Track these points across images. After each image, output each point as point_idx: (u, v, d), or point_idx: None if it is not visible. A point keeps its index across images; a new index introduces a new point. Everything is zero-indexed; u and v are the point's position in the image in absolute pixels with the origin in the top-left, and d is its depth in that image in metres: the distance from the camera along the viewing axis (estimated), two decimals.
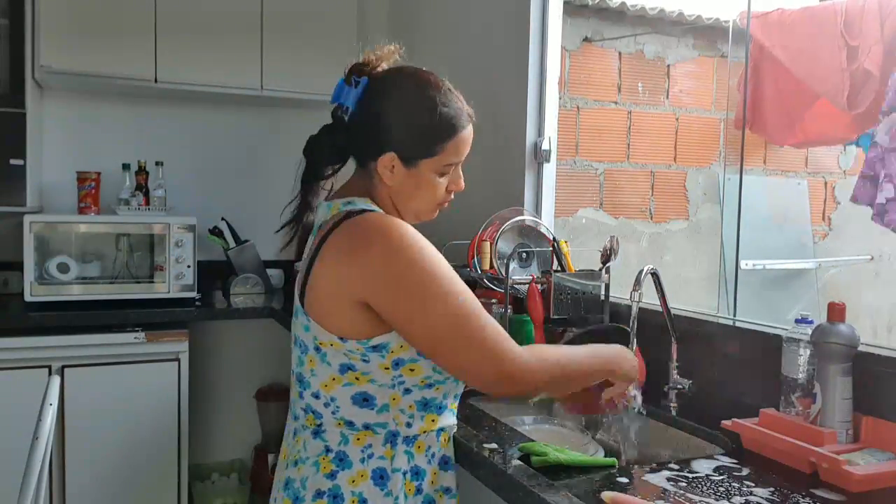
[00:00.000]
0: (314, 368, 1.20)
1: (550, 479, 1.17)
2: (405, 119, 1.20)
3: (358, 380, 1.17)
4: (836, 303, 1.31)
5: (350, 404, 1.18)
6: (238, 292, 3.12)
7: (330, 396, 1.19)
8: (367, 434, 1.19)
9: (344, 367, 1.17)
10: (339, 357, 1.16)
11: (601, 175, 3.56)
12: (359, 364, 1.16)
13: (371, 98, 1.21)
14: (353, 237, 1.15)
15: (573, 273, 1.88)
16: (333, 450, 1.20)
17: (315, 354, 1.19)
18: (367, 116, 1.21)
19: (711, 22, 3.68)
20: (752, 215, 3.80)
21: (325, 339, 1.16)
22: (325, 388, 1.19)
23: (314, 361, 1.20)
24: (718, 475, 1.21)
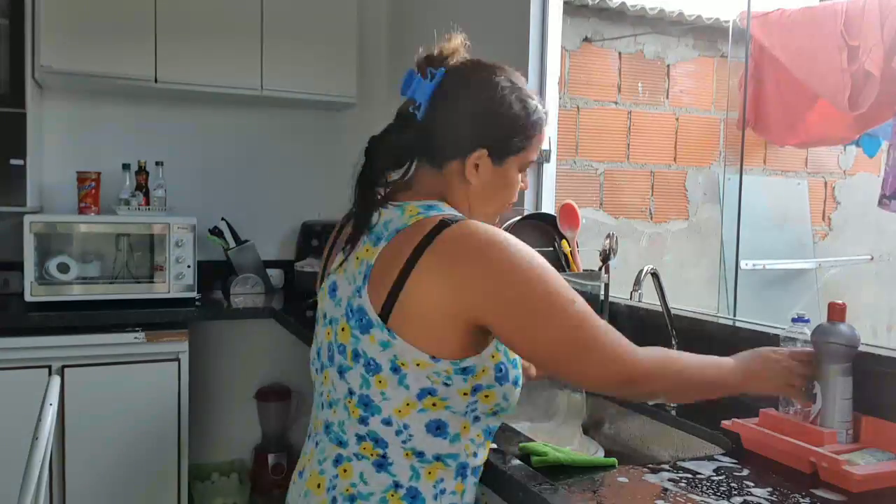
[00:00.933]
0: (386, 391, 1.06)
1: (550, 479, 1.17)
2: (497, 113, 1.12)
3: (435, 406, 1.07)
4: (836, 302, 1.31)
5: (424, 433, 1.07)
6: (238, 292, 3.12)
7: (403, 423, 1.07)
8: (438, 466, 1.09)
9: (424, 391, 1.05)
10: (420, 380, 1.05)
11: (601, 175, 3.56)
12: (440, 388, 1.06)
13: (451, 92, 1.12)
14: (462, 250, 1.04)
15: (573, 273, 1.88)
16: (404, 485, 1.07)
17: (391, 375, 1.05)
18: (447, 112, 1.11)
19: (711, 22, 3.68)
20: (752, 215, 3.80)
21: (410, 359, 1.04)
22: (398, 413, 1.06)
23: (386, 383, 1.06)
24: (718, 475, 1.21)
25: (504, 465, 1.23)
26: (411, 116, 1.12)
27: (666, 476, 1.21)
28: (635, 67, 3.62)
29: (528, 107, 1.14)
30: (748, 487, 1.16)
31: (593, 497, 1.12)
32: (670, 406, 1.62)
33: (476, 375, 1.06)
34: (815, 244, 4.09)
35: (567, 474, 1.20)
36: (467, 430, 1.10)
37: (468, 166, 1.12)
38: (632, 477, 1.20)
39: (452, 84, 1.12)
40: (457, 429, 1.09)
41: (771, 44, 3.34)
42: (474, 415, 1.10)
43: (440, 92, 1.11)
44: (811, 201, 4.11)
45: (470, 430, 1.11)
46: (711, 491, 1.14)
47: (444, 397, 1.06)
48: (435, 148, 1.13)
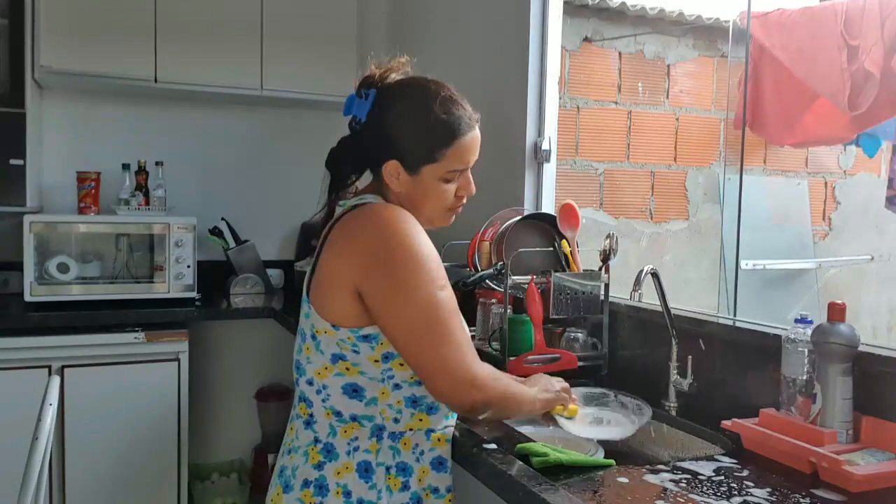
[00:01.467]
0: (310, 356, 1.25)
1: (550, 480, 1.17)
2: (405, 127, 1.23)
3: (349, 370, 1.21)
4: (836, 302, 1.31)
5: (340, 394, 1.22)
6: (238, 292, 3.12)
7: (322, 384, 1.23)
8: (353, 426, 1.22)
9: (336, 356, 1.21)
10: (332, 346, 1.20)
11: (601, 175, 3.56)
12: (349, 354, 1.20)
13: (379, 108, 1.25)
14: (353, 224, 1.21)
15: (573, 273, 1.88)
16: (322, 441, 1.23)
17: (311, 342, 1.24)
18: (374, 127, 1.25)
19: (711, 22, 3.68)
20: (752, 215, 3.80)
21: (321, 327, 1.21)
22: (318, 375, 1.23)
23: (310, 349, 1.24)
24: (718, 475, 1.21)
25: (504, 465, 1.23)
26: (353, 130, 1.28)
27: (666, 476, 1.21)
28: (635, 67, 3.61)
29: (434, 120, 1.22)
30: (748, 488, 1.16)
31: (593, 497, 1.12)
32: (670, 405, 1.62)
33: (382, 343, 1.19)
34: (815, 244, 4.09)
35: (567, 474, 1.20)
36: (386, 395, 1.22)
37: (387, 176, 1.25)
38: (632, 477, 1.20)
39: (381, 102, 1.25)
40: (374, 393, 1.21)
41: (771, 44, 3.34)
42: (393, 382, 1.22)
43: (373, 109, 1.25)
44: (811, 201, 4.11)
45: (390, 396, 1.22)
46: (711, 491, 1.14)
47: (355, 363, 1.20)
48: (368, 158, 1.28)
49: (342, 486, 1.21)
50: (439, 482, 1.29)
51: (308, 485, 1.22)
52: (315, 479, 1.22)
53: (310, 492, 1.22)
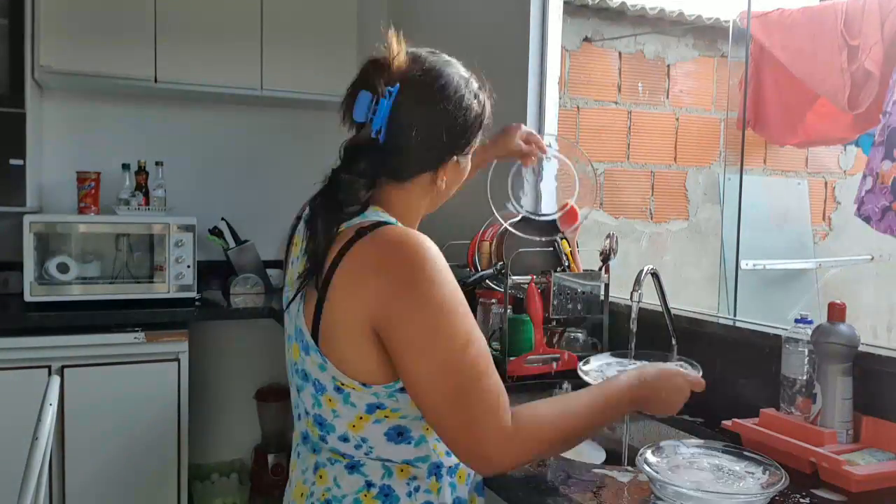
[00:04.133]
0: (336, 409, 1.02)
1: (551, 480, 1.16)
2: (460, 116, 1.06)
3: (388, 417, 1.01)
4: (836, 303, 1.31)
5: (385, 442, 1.02)
6: (238, 292, 3.12)
7: (360, 437, 1.02)
8: (409, 468, 1.04)
9: (372, 406, 1.00)
10: (364, 398, 0.99)
11: (601, 175, 3.56)
12: (387, 402, 1.00)
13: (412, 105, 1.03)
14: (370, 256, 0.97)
15: (573, 273, 1.88)
16: (376, 484, 1.03)
17: (336, 395, 1.01)
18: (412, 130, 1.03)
19: (711, 22, 3.68)
20: (752, 215, 3.80)
21: (347, 383, 0.99)
22: (353, 428, 1.02)
23: (335, 402, 1.01)
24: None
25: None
26: (373, 142, 1.02)
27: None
28: (635, 67, 3.61)
29: (478, 98, 1.10)
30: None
31: (593, 497, 1.12)
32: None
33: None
34: (815, 244, 4.09)
35: (566, 473, 1.20)
36: (431, 432, 1.03)
37: (440, 174, 1.08)
38: (631, 477, 1.20)
39: (410, 98, 1.03)
40: (419, 432, 1.03)
41: (771, 44, 3.34)
42: None
43: (399, 110, 1.02)
44: (811, 201, 4.11)
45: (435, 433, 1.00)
46: None
47: (394, 409, 1.00)
48: (401, 166, 1.06)
49: None
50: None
51: None
52: None
53: None
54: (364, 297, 0.95)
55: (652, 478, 1.08)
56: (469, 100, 1.08)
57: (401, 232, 0.99)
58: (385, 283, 0.95)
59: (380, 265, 0.96)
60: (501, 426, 0.93)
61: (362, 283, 0.96)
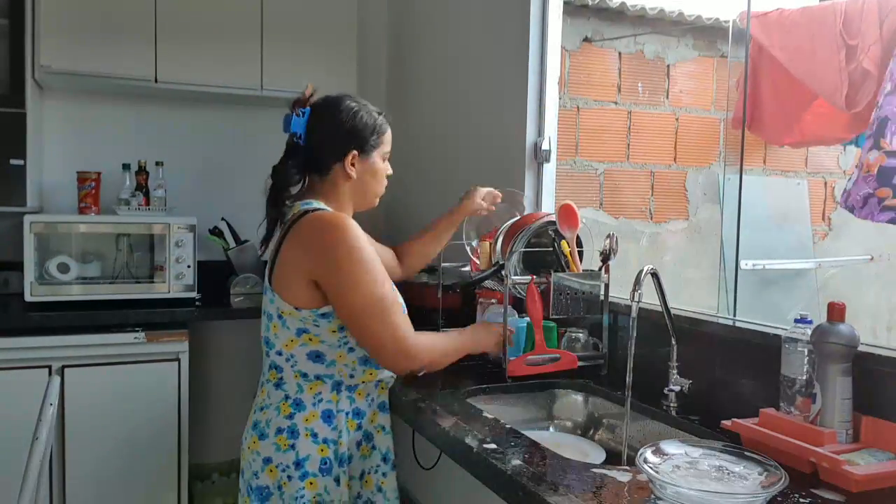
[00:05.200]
0: (277, 332, 1.53)
1: (551, 480, 1.17)
2: (354, 124, 1.58)
3: (311, 340, 1.51)
4: (836, 303, 1.31)
5: (305, 360, 1.52)
6: (238, 292, 3.11)
7: (290, 353, 1.53)
8: (318, 384, 1.54)
9: (300, 330, 1.50)
10: (296, 323, 1.50)
11: (601, 175, 3.56)
12: (311, 328, 1.50)
13: (318, 120, 1.57)
14: (310, 229, 1.48)
15: (573, 273, 1.88)
16: (292, 397, 1.54)
17: (278, 321, 1.52)
18: (321, 133, 1.57)
19: (711, 22, 3.68)
20: (752, 215, 3.80)
21: (286, 309, 1.49)
22: (286, 347, 1.53)
23: (277, 327, 1.53)
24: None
25: (504, 465, 1.23)
26: (297, 145, 1.58)
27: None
28: (635, 67, 3.61)
29: (373, 116, 1.62)
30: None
31: (593, 497, 1.12)
32: (670, 405, 1.62)
33: (337, 318, 1.49)
34: (815, 244, 4.09)
35: (566, 473, 1.21)
36: (343, 357, 1.53)
37: (346, 164, 1.57)
38: (631, 477, 1.20)
39: (317, 116, 1.58)
40: (332, 357, 1.53)
41: (770, 44, 3.34)
42: (348, 346, 1.52)
43: (311, 123, 1.57)
44: (811, 201, 4.11)
45: (346, 358, 1.54)
46: None
47: (316, 334, 1.50)
48: (319, 161, 1.58)
49: (309, 430, 1.52)
50: (384, 421, 1.66)
51: (281, 431, 1.52)
52: (287, 427, 1.52)
53: (283, 437, 1.52)
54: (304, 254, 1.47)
55: (652, 478, 1.09)
56: (362, 115, 1.60)
57: (328, 215, 1.50)
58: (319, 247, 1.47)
59: (312, 236, 1.48)
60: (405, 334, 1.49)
61: (304, 246, 1.48)
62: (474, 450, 1.31)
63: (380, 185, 1.67)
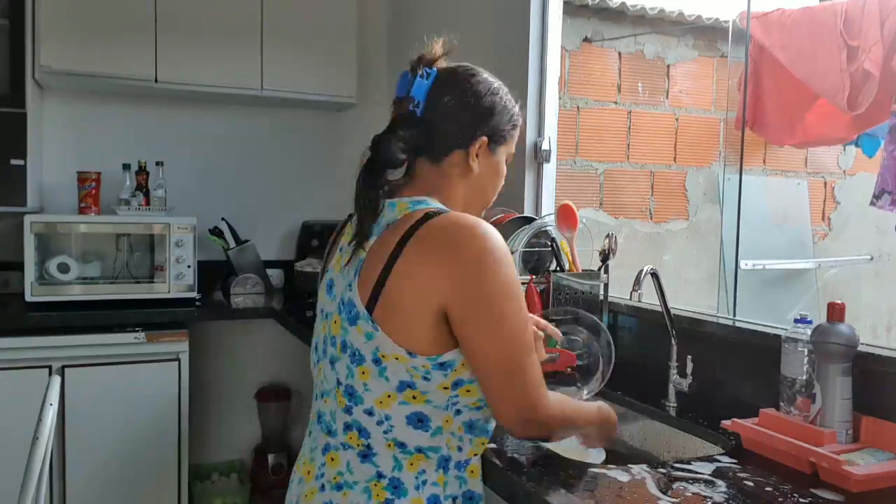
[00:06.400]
0: (368, 382, 1.10)
1: (551, 480, 1.17)
2: (492, 105, 1.20)
3: (415, 399, 1.09)
4: (835, 303, 1.31)
5: (405, 424, 1.10)
6: (238, 292, 3.11)
7: (385, 414, 1.10)
8: (419, 458, 1.12)
9: (403, 384, 1.08)
10: (400, 373, 1.08)
11: (601, 175, 3.56)
12: (419, 382, 1.08)
13: (447, 89, 1.18)
14: (440, 239, 1.07)
15: (573, 273, 1.88)
16: (386, 476, 1.11)
17: (373, 367, 1.09)
18: (447, 107, 1.17)
19: (711, 22, 3.68)
20: (752, 215, 3.80)
21: (390, 353, 1.07)
22: (379, 404, 1.10)
23: (369, 374, 1.09)
24: (718, 475, 1.21)
25: (504, 465, 1.23)
26: (412, 114, 1.16)
27: (666, 476, 1.21)
28: (635, 67, 3.61)
29: (510, 101, 1.24)
30: (748, 488, 1.16)
31: (592, 497, 1.12)
32: (670, 405, 1.62)
33: (455, 370, 1.09)
34: (815, 244, 4.09)
35: (567, 473, 1.20)
36: (450, 423, 1.12)
37: (471, 153, 1.18)
38: (632, 477, 1.20)
39: (446, 83, 1.18)
40: (438, 422, 1.11)
41: (771, 44, 3.34)
42: (456, 408, 1.12)
43: (436, 90, 1.17)
44: (811, 201, 4.11)
45: (452, 424, 1.12)
46: (711, 491, 1.14)
47: (423, 391, 1.09)
48: (436, 141, 1.17)
49: None
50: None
51: None
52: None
53: None
54: (438, 273, 1.05)
55: None
56: (502, 95, 1.22)
57: (470, 221, 1.08)
58: (460, 268, 1.05)
59: (453, 249, 1.06)
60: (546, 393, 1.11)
61: (437, 261, 1.06)
62: None
63: (496, 191, 1.27)
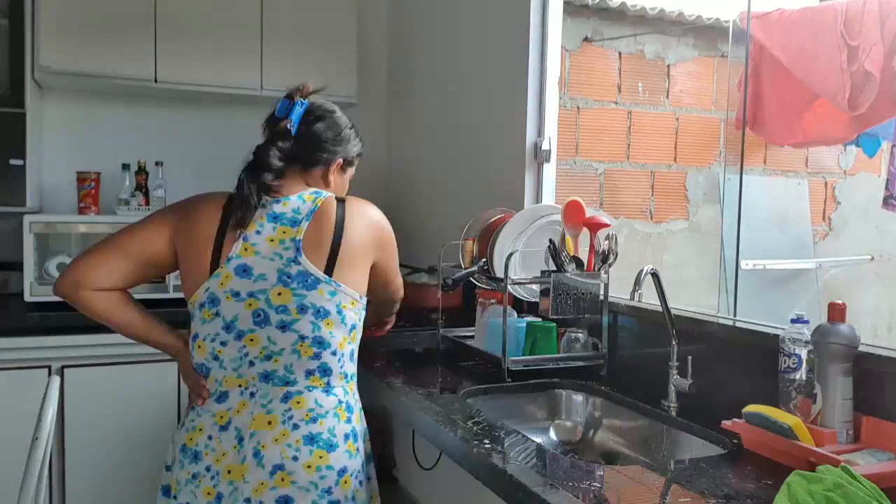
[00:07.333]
0: (332, 330, 1.41)
1: (551, 479, 1.17)
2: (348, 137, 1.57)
3: (353, 339, 1.47)
4: (836, 303, 1.31)
5: (349, 359, 1.46)
6: None
7: (342, 353, 1.44)
8: (353, 384, 1.50)
9: (352, 327, 1.45)
10: (351, 317, 1.44)
11: (601, 175, 3.56)
12: (358, 323, 1.47)
13: (315, 117, 1.53)
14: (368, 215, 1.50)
15: (573, 272, 1.88)
16: (343, 401, 1.44)
17: (336, 317, 1.41)
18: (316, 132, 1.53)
19: (711, 22, 3.68)
20: (752, 215, 3.80)
21: (348, 301, 1.43)
22: (340, 346, 1.43)
23: (333, 323, 1.41)
24: (718, 475, 1.21)
25: (504, 465, 1.23)
26: (288, 132, 1.51)
27: (666, 476, 1.21)
28: (635, 67, 3.61)
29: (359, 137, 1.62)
30: (748, 488, 1.16)
31: (593, 497, 1.12)
32: (670, 405, 1.62)
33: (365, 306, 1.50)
34: (815, 244, 4.09)
35: (566, 473, 1.20)
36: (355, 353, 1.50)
37: (330, 171, 1.55)
38: (632, 477, 1.20)
39: (317, 113, 1.54)
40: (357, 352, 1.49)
41: (771, 44, 3.34)
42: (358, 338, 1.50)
43: (307, 116, 1.52)
44: (811, 201, 4.11)
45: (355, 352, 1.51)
46: (711, 491, 1.14)
47: (357, 329, 1.47)
48: (306, 155, 1.52)
49: (362, 431, 1.49)
50: None
51: (347, 437, 1.43)
52: (350, 431, 1.43)
53: (350, 443, 1.43)
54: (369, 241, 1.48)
55: None
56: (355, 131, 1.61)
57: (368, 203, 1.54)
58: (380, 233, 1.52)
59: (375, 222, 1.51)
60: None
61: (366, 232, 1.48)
62: (474, 450, 1.31)
63: None
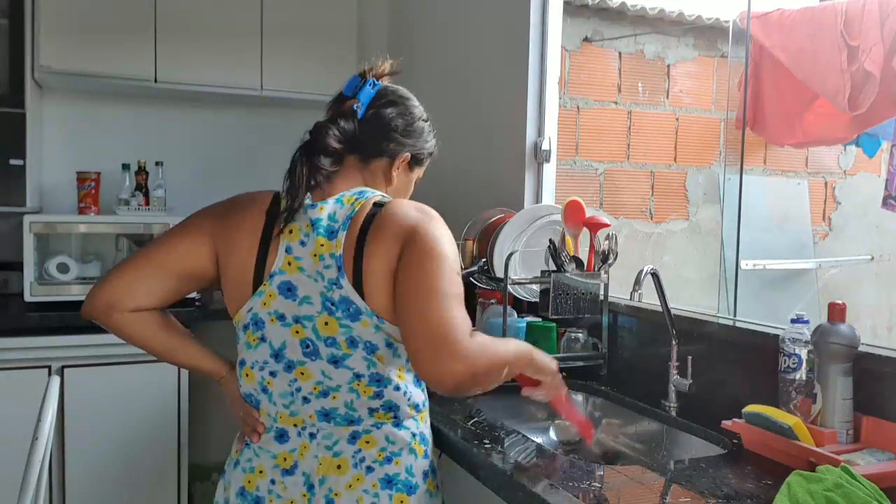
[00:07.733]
0: (386, 365, 1.23)
1: (551, 480, 1.17)
2: (421, 130, 1.35)
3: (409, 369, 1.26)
4: (836, 303, 1.31)
5: (414, 386, 1.28)
6: None
7: (405, 384, 1.26)
8: (424, 412, 1.31)
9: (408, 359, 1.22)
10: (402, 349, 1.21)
11: (601, 175, 3.56)
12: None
13: (388, 102, 1.31)
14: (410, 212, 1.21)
15: (572, 272, 1.88)
16: (417, 433, 1.28)
17: (387, 351, 1.22)
18: (386, 117, 1.30)
19: (711, 22, 3.68)
20: (752, 215, 3.80)
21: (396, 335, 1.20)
22: (400, 378, 1.25)
23: (384, 358, 1.22)
24: (718, 475, 1.21)
25: (504, 465, 1.23)
26: (354, 112, 1.29)
27: (666, 476, 1.21)
28: (635, 67, 3.61)
29: (433, 133, 1.40)
30: (748, 488, 1.16)
31: (593, 497, 1.12)
32: (670, 405, 1.62)
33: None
34: (815, 244, 4.09)
35: (566, 473, 1.20)
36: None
37: (395, 165, 1.33)
38: (632, 477, 1.20)
39: (390, 97, 1.32)
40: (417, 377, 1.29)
41: (771, 44, 3.34)
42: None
43: (378, 100, 1.31)
44: (811, 201, 4.11)
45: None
46: (711, 491, 1.14)
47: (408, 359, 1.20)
48: (368, 143, 1.30)
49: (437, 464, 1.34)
50: None
51: (426, 475, 1.29)
52: (428, 467, 1.30)
53: (430, 481, 1.29)
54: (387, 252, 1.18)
55: None
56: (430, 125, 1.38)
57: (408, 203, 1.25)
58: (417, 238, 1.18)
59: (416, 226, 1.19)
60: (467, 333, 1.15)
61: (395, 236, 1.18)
62: (474, 450, 1.31)
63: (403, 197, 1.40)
